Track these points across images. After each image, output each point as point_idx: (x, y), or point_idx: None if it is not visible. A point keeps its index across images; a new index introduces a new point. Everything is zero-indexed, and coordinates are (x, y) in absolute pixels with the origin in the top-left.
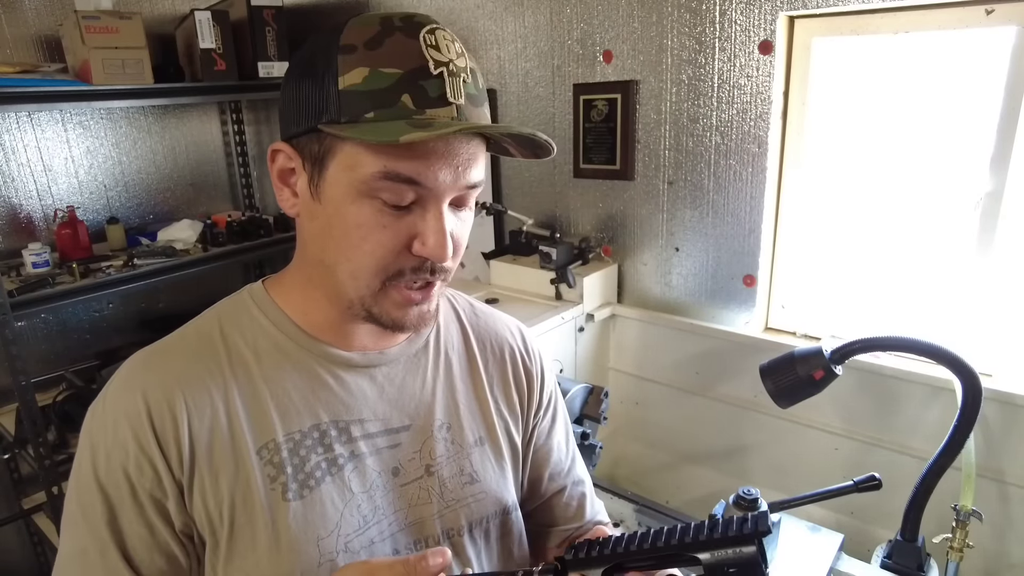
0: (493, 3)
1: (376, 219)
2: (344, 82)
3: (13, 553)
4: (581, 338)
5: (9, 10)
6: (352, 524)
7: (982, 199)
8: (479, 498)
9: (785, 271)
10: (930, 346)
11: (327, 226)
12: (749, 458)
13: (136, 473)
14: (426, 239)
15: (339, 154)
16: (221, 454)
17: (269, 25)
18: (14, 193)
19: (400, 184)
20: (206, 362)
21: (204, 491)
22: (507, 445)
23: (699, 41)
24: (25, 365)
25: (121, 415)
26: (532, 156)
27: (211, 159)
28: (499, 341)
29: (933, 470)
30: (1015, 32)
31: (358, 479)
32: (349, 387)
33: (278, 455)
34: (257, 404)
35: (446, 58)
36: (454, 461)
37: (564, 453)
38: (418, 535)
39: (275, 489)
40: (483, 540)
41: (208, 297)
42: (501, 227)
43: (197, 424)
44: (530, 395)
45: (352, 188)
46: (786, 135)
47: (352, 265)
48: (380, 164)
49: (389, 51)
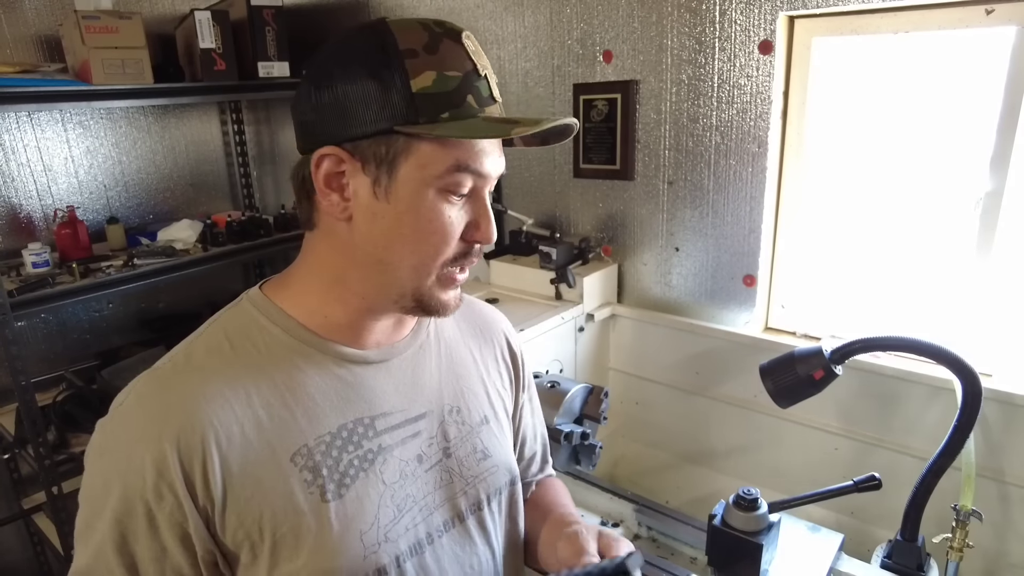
0: (493, 3)
1: (445, 211)
2: (416, 85)
3: (13, 553)
4: (581, 338)
5: (9, 10)
6: (388, 514)
7: (982, 199)
8: (493, 471)
9: (785, 271)
10: (930, 346)
11: (396, 224)
12: (749, 458)
13: (155, 499)
14: (481, 224)
15: (413, 154)
16: (255, 468)
17: (269, 25)
18: (14, 193)
19: (466, 175)
20: (223, 377)
21: (240, 509)
22: (506, 420)
23: (699, 41)
24: (25, 365)
25: (137, 443)
26: (539, 143)
27: (211, 159)
28: (487, 327)
29: (933, 470)
30: (1015, 32)
31: (388, 470)
32: (368, 383)
33: (312, 459)
34: (284, 412)
35: (483, 62)
36: (467, 440)
37: (532, 418)
38: (448, 515)
39: (313, 492)
40: (499, 510)
41: (208, 297)
42: (501, 227)
43: (226, 443)
44: (517, 374)
45: (424, 184)
46: (786, 135)
47: (417, 258)
48: (452, 159)
49: (445, 56)
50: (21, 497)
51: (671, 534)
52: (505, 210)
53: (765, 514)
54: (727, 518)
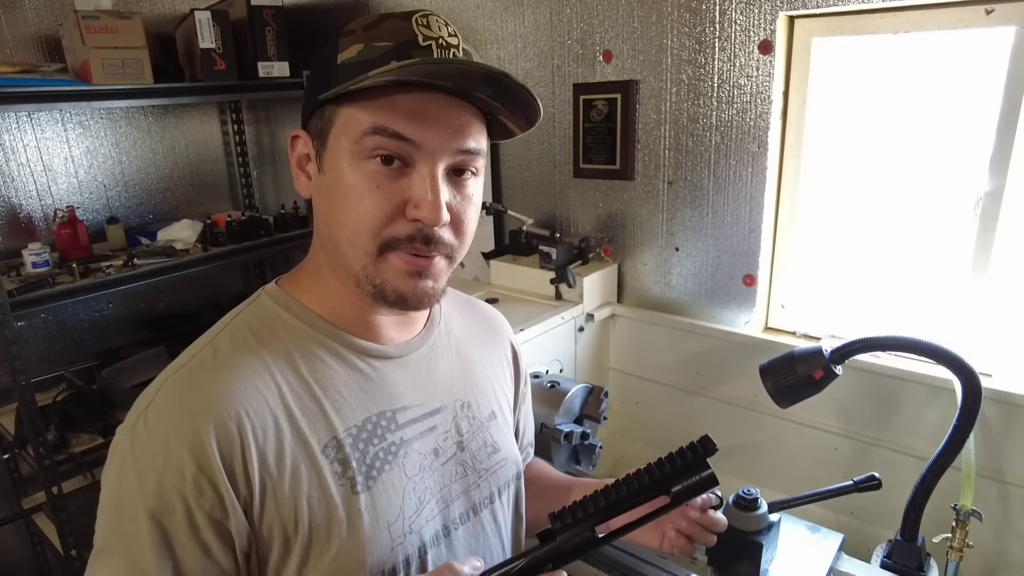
0: (493, 3)
1: (371, 179)
2: (341, 58)
3: (13, 553)
4: (581, 338)
5: (9, 10)
6: (411, 506)
7: (982, 199)
8: (502, 465)
9: (785, 271)
10: (930, 346)
11: (329, 194)
12: (749, 458)
13: (194, 495)
14: (419, 201)
15: (336, 121)
16: (291, 460)
17: (269, 25)
18: (14, 193)
19: (387, 139)
20: (253, 370)
21: (278, 500)
22: (510, 415)
23: (699, 41)
24: (25, 365)
25: (174, 436)
26: (525, 123)
27: (211, 159)
28: (492, 327)
29: (933, 470)
30: (1015, 32)
31: (410, 463)
32: (389, 378)
33: (342, 451)
34: (313, 404)
35: (436, 35)
36: (478, 435)
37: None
38: (464, 507)
39: (344, 484)
40: (508, 503)
41: (208, 297)
42: (501, 227)
43: (261, 436)
44: (517, 371)
45: (347, 151)
46: (786, 135)
47: (349, 230)
48: (369, 121)
49: (383, 30)
50: (21, 497)
51: None
52: (505, 210)
53: (765, 514)
54: (727, 518)
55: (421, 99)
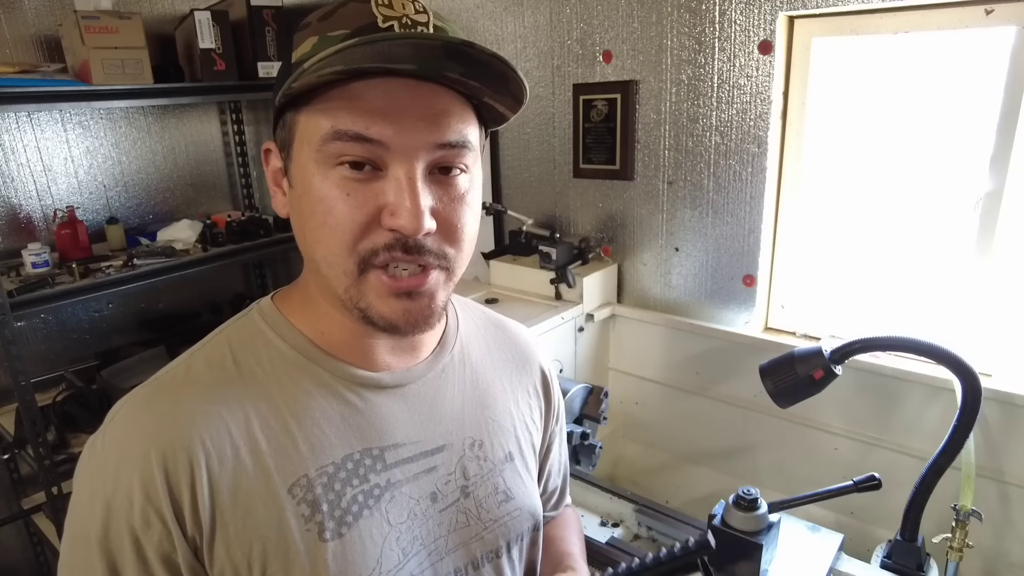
0: (493, 3)
1: (339, 187)
2: (296, 55)
3: (13, 553)
4: (581, 338)
5: (9, 10)
6: (392, 559)
7: (982, 199)
8: (515, 515)
9: (785, 271)
10: (930, 346)
11: (299, 210)
12: (749, 458)
13: (142, 526)
14: (395, 208)
15: (297, 129)
16: (247, 497)
17: (269, 25)
18: (14, 193)
19: (350, 143)
20: (222, 395)
21: (228, 541)
22: (532, 457)
23: (699, 41)
24: (25, 365)
25: (124, 460)
26: (512, 100)
27: (211, 159)
28: (522, 355)
29: (933, 470)
30: (1015, 32)
31: (396, 509)
32: (380, 411)
33: (312, 492)
34: (284, 437)
35: (399, 13)
36: (488, 479)
37: (559, 450)
38: (460, 562)
39: (310, 530)
40: (519, 558)
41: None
42: (501, 227)
43: (217, 467)
44: (548, 405)
45: (311, 160)
46: (786, 135)
47: (323, 248)
48: (329, 125)
49: (338, 17)
50: (21, 497)
51: (671, 534)
52: (505, 210)
53: (765, 514)
54: (727, 518)
55: (384, 90)
